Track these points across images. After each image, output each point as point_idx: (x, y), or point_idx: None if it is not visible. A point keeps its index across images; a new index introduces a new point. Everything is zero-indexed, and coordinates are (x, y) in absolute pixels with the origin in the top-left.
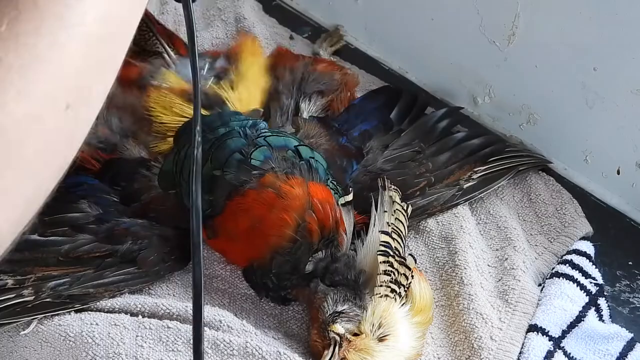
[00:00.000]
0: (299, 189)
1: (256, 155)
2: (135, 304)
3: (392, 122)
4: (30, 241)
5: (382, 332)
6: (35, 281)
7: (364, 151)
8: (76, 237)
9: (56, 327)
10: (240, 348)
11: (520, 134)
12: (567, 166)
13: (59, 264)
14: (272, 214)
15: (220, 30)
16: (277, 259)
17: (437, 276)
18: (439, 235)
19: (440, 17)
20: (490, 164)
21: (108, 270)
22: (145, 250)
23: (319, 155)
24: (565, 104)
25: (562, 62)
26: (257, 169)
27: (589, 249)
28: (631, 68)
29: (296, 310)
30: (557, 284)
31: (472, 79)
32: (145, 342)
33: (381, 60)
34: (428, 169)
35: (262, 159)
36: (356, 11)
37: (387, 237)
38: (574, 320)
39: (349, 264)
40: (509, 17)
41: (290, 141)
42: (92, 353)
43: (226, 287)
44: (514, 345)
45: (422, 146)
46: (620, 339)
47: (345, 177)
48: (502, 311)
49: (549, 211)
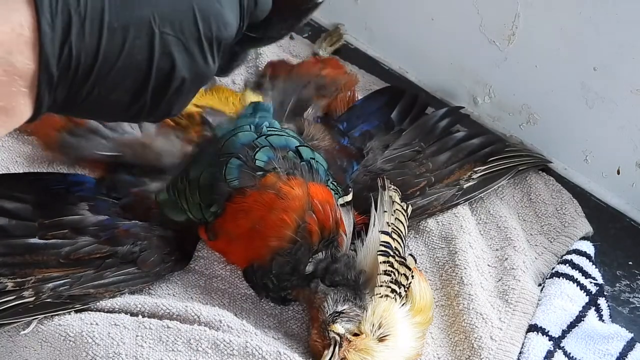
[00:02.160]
0: (299, 190)
1: (260, 156)
2: (135, 304)
3: (393, 122)
4: (30, 244)
5: (382, 332)
6: (35, 283)
7: (364, 151)
8: (76, 240)
9: (56, 327)
10: (240, 348)
11: (520, 134)
12: (567, 166)
13: (60, 266)
14: (272, 215)
15: None
16: (277, 260)
17: (437, 276)
18: (439, 235)
19: (440, 17)
20: (490, 164)
21: (108, 270)
22: (145, 251)
23: (319, 156)
24: (565, 104)
25: (562, 62)
26: (260, 169)
27: (589, 249)
28: (631, 68)
29: (296, 310)
30: (557, 283)
31: (472, 79)
32: (145, 342)
33: (381, 60)
34: (428, 169)
35: (265, 159)
36: (356, 11)
37: (387, 237)
38: (574, 320)
39: (349, 264)
40: (509, 17)
41: (291, 141)
42: (92, 353)
43: (226, 287)
44: (514, 345)
45: (422, 146)
46: (620, 339)
47: (345, 178)
48: (502, 311)
49: (549, 211)
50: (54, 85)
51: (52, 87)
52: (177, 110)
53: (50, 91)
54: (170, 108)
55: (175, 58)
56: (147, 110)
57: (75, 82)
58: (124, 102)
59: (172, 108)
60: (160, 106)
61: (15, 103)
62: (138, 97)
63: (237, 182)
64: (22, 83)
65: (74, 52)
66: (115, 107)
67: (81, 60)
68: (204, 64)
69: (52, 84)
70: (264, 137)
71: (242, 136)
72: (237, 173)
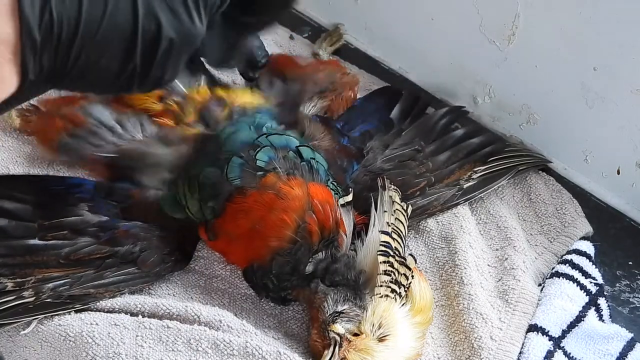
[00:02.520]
0: (299, 190)
1: (260, 156)
2: (135, 304)
3: (393, 122)
4: (30, 245)
5: (382, 332)
6: (35, 283)
7: (365, 151)
8: (76, 240)
9: (56, 327)
10: (240, 348)
11: (520, 134)
12: (567, 166)
13: (60, 266)
14: (272, 215)
15: None
16: (277, 260)
17: (437, 276)
18: (439, 235)
19: (440, 17)
20: (490, 164)
21: (108, 270)
22: (145, 252)
23: (319, 156)
24: (565, 104)
25: (562, 62)
26: (261, 169)
27: (589, 249)
28: (631, 68)
29: (296, 310)
30: (557, 283)
31: (472, 79)
32: (145, 342)
33: (381, 60)
34: (428, 169)
35: (266, 159)
36: (356, 11)
37: (387, 237)
38: (574, 320)
39: (349, 264)
40: (509, 17)
41: (291, 141)
42: (92, 353)
43: (226, 287)
44: (514, 345)
45: (422, 145)
46: (620, 339)
47: (345, 178)
48: (502, 311)
49: (549, 211)
50: (38, 52)
51: (37, 54)
52: (170, 77)
53: (35, 57)
54: (161, 74)
55: (160, 18)
56: (138, 77)
57: (60, 48)
58: (114, 69)
59: (164, 74)
60: (151, 72)
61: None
62: (127, 63)
63: (239, 181)
64: (4, 50)
65: (55, 16)
66: (105, 75)
67: (63, 24)
68: (190, 23)
69: (35, 50)
70: (264, 136)
71: (243, 135)
72: (239, 172)
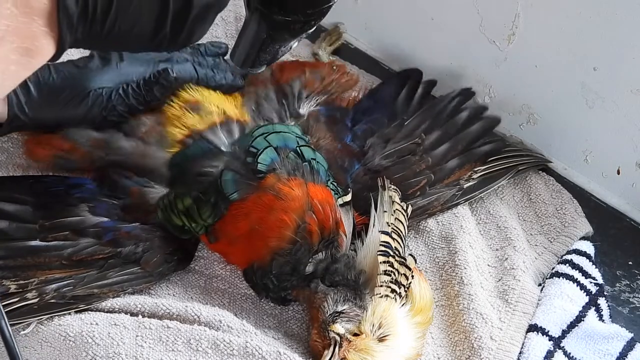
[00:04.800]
0: (299, 190)
1: (263, 159)
2: (135, 304)
3: (396, 114)
4: (31, 247)
5: (382, 332)
6: (38, 284)
7: (365, 148)
8: (78, 241)
9: (56, 327)
10: (240, 348)
11: (520, 134)
12: (567, 166)
13: (62, 267)
14: (272, 216)
15: (220, 30)
16: (277, 260)
17: (437, 276)
18: (439, 235)
19: (440, 17)
20: (490, 164)
21: (112, 270)
22: (148, 252)
23: (320, 156)
24: (565, 104)
25: (562, 62)
26: (260, 172)
27: (589, 249)
28: (631, 68)
29: (296, 310)
30: (557, 283)
31: (472, 79)
32: (145, 342)
33: (381, 61)
34: (428, 165)
35: (268, 161)
36: (356, 11)
37: (387, 237)
38: (574, 320)
39: (349, 264)
40: (509, 17)
41: (291, 140)
42: (92, 353)
43: (226, 287)
44: (514, 345)
45: (422, 136)
46: (620, 339)
47: (346, 177)
48: (502, 311)
49: (549, 211)
50: (74, 25)
51: (73, 27)
52: (197, 38)
53: (71, 30)
54: (190, 36)
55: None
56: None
57: (95, 21)
58: (145, 37)
59: (192, 36)
60: (180, 35)
61: (38, 43)
62: (158, 31)
63: (237, 195)
64: (41, 22)
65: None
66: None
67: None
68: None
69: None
70: (262, 136)
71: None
72: (233, 186)
